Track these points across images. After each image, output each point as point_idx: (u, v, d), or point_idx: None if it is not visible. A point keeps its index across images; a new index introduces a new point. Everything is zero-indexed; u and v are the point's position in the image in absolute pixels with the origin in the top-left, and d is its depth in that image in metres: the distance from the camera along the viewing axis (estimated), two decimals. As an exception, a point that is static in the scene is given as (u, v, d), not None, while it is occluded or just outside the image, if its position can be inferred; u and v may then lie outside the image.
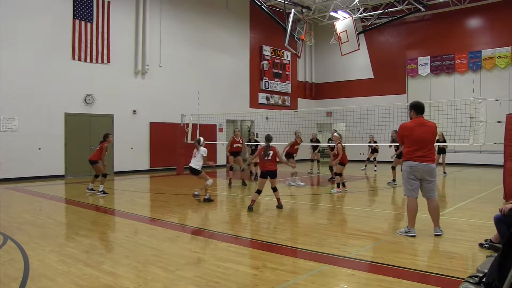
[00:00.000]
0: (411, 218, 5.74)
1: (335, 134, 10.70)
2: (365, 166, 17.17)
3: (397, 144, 11.45)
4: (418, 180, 5.65)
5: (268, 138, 8.23)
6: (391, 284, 3.91)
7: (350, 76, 23.31)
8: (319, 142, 16.05)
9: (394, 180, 11.95)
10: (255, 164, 13.62)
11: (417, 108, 5.73)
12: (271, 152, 7.99)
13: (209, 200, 8.91)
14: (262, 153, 8.02)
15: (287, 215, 7.53)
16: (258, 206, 8.23)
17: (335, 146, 10.51)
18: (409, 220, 5.77)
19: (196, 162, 8.93)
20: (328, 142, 13.31)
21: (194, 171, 8.97)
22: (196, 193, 9.10)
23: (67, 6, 13.92)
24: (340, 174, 10.37)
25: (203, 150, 9.00)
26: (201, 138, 9.33)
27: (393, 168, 12.07)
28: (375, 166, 16.67)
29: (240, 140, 12.32)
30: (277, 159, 8.12)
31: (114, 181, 13.29)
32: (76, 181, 12.82)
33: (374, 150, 16.69)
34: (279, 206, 8.05)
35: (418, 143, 5.58)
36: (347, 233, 6.15)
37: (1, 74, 12.46)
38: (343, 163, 10.42)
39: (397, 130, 6.11)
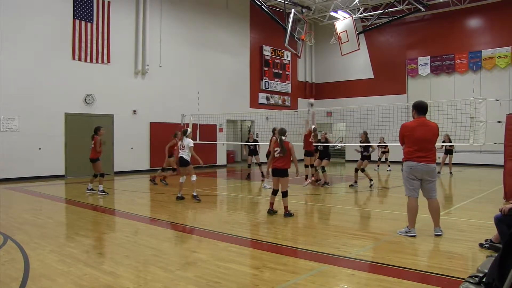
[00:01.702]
0: (411, 218, 5.73)
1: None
2: (378, 166, 17.14)
3: (367, 144, 11.41)
4: (419, 180, 5.65)
5: (281, 132, 7.49)
6: (391, 284, 3.91)
7: (350, 76, 23.30)
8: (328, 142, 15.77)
9: (355, 182, 11.38)
10: (259, 164, 13.64)
11: (418, 108, 5.71)
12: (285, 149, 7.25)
13: (197, 199, 8.73)
14: (275, 149, 7.29)
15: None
16: (258, 207, 8.21)
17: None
18: (409, 220, 5.77)
19: (186, 154, 8.84)
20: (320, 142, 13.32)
21: (184, 162, 8.83)
22: (194, 194, 8.96)
23: (67, 6, 13.92)
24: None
25: (187, 141, 8.81)
26: (189, 129, 9.22)
27: (357, 170, 11.36)
28: (389, 166, 16.67)
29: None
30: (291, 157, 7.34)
31: (114, 181, 13.29)
32: (76, 181, 12.82)
33: (385, 151, 16.77)
34: (286, 214, 7.16)
35: (419, 143, 5.57)
36: (347, 233, 6.15)
37: (1, 74, 12.45)
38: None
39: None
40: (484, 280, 2.71)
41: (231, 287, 3.88)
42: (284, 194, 7.24)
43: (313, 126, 11.45)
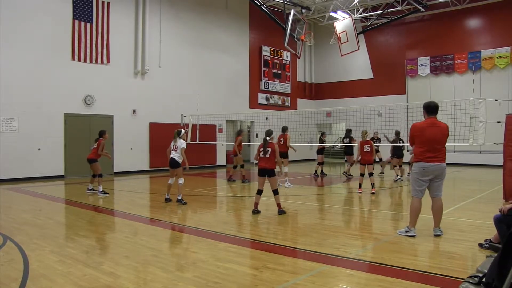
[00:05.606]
0: (413, 217, 5.74)
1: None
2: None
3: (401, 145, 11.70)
4: (428, 181, 5.66)
5: (267, 133, 7.71)
6: (391, 284, 3.91)
7: (350, 76, 23.31)
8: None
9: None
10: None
11: (428, 109, 5.71)
12: (269, 149, 7.43)
13: (182, 202, 8.52)
14: (261, 149, 7.56)
15: (287, 215, 7.51)
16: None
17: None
18: (410, 220, 5.77)
19: (177, 155, 8.71)
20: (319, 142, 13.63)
21: (175, 164, 8.71)
22: (178, 197, 8.65)
23: (67, 7, 13.92)
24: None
25: (180, 142, 8.71)
26: (182, 130, 9.06)
27: (400, 166, 12.85)
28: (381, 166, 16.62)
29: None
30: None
31: (114, 182, 13.28)
32: (76, 182, 12.82)
33: (377, 150, 16.58)
34: (280, 212, 7.42)
35: (429, 143, 5.58)
36: (347, 233, 6.15)
37: (1, 74, 12.44)
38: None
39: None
40: (483, 280, 2.72)
41: (231, 287, 3.88)
42: (275, 192, 7.47)
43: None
